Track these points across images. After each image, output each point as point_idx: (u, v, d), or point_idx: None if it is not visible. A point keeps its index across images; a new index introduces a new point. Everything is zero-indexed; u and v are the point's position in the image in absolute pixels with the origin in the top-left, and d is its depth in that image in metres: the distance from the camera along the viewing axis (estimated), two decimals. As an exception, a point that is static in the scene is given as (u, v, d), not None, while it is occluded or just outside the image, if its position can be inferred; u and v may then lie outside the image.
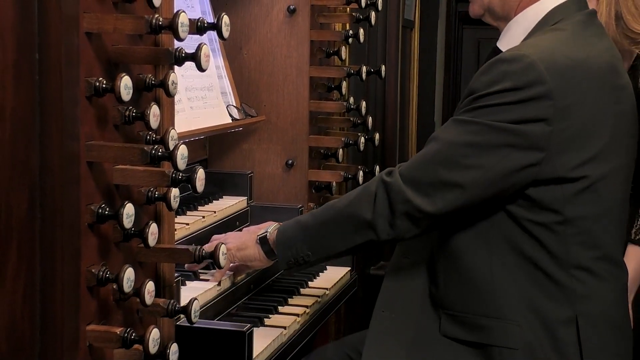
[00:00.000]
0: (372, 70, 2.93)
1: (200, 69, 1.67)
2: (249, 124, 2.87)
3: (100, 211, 1.60)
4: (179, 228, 2.36)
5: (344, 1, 2.84)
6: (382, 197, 2.05)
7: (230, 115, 2.78)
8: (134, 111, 1.64)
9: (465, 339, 2.08)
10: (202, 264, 2.36)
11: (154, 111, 1.64)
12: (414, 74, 4.69)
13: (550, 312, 2.03)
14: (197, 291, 2.23)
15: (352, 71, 2.90)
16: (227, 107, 2.78)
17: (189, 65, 1.68)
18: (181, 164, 1.62)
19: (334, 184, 2.96)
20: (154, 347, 1.63)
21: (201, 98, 2.68)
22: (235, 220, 2.74)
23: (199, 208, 2.68)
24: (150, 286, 1.65)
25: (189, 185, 1.67)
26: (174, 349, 1.69)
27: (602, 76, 2.06)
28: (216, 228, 2.61)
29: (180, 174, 1.63)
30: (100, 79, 1.57)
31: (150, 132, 1.69)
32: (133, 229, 1.64)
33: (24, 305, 1.56)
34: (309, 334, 2.48)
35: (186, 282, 2.30)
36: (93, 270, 1.60)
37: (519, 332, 2.03)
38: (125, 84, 1.57)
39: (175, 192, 1.68)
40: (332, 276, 2.81)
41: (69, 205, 1.57)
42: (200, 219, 2.56)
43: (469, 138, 1.99)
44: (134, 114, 1.64)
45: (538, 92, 1.95)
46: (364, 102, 2.95)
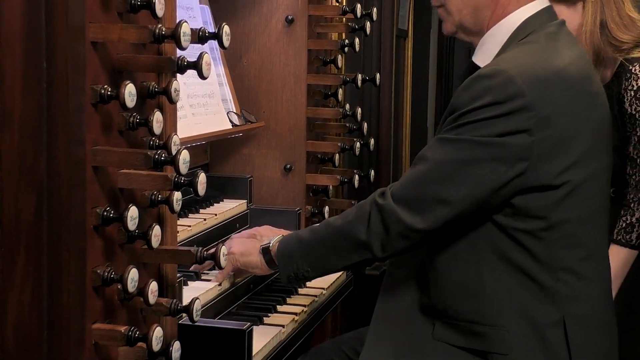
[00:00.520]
0: (367, 78, 2.93)
1: (202, 76, 1.67)
2: (248, 129, 2.87)
3: (105, 214, 1.60)
4: (181, 230, 2.35)
5: (340, 11, 2.84)
6: (376, 218, 2.05)
7: (231, 122, 2.78)
8: (138, 117, 1.64)
9: (457, 344, 2.07)
10: (206, 265, 2.36)
11: (157, 117, 1.64)
12: (407, 81, 4.69)
13: (539, 316, 2.03)
14: (198, 291, 2.23)
15: (347, 79, 2.90)
16: (227, 113, 2.79)
17: (191, 73, 1.68)
18: (183, 168, 1.62)
19: (331, 187, 2.96)
20: (158, 345, 1.63)
21: (202, 105, 2.68)
22: (235, 223, 2.74)
23: (200, 211, 2.68)
24: (153, 286, 1.66)
25: (191, 189, 1.68)
26: (176, 346, 1.69)
27: (578, 84, 2.06)
28: (217, 230, 2.61)
29: (183, 178, 1.63)
30: (106, 86, 1.57)
31: (154, 138, 1.69)
32: (137, 231, 1.64)
33: (31, 304, 1.56)
34: (306, 332, 2.48)
35: (188, 282, 2.30)
36: (98, 271, 1.60)
37: (509, 337, 2.02)
38: (130, 92, 1.58)
39: (177, 195, 1.68)
40: (328, 276, 2.79)
41: (75, 208, 1.57)
42: (202, 221, 2.56)
43: (455, 155, 1.98)
44: (137, 120, 1.64)
45: (518, 105, 1.94)
46: (360, 109, 2.95)
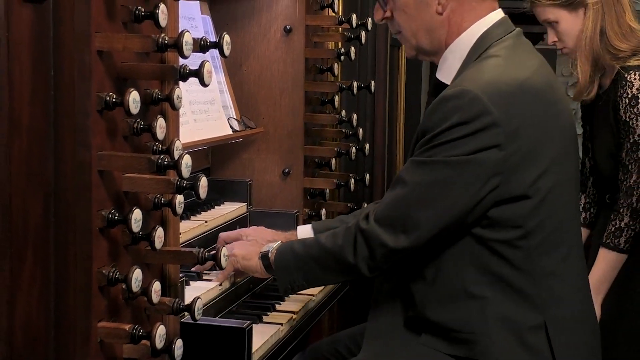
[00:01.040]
0: (362, 85, 2.93)
1: (203, 84, 1.67)
2: (248, 135, 2.87)
3: (110, 216, 1.60)
4: (183, 232, 2.35)
5: (337, 22, 2.84)
6: (361, 242, 2.05)
7: (231, 127, 2.78)
8: (142, 123, 1.65)
9: (444, 351, 2.05)
10: (208, 265, 2.36)
11: (160, 123, 1.65)
12: (401, 88, 4.68)
13: (521, 322, 2.01)
14: (200, 290, 2.22)
15: (343, 86, 2.90)
16: (228, 119, 2.79)
17: (193, 80, 1.68)
18: (185, 172, 1.63)
19: (328, 190, 2.96)
20: (161, 343, 1.63)
21: (204, 111, 2.68)
22: (235, 225, 2.74)
23: (202, 213, 2.68)
24: (156, 286, 1.66)
25: (193, 192, 1.68)
26: (178, 344, 1.69)
27: (542, 94, 2.04)
28: (218, 232, 2.61)
29: (185, 182, 1.63)
30: (111, 93, 1.57)
31: (157, 143, 1.70)
32: (141, 232, 1.64)
33: (39, 304, 1.56)
34: (303, 330, 2.47)
35: (190, 282, 2.30)
36: (104, 271, 1.60)
37: (491, 344, 2.00)
38: (134, 98, 1.58)
39: (180, 198, 1.69)
40: (325, 277, 2.80)
41: (81, 211, 1.57)
42: (203, 223, 2.56)
43: (432, 177, 1.97)
44: (141, 126, 1.65)
45: (486, 122, 1.92)
46: (355, 115, 2.95)
